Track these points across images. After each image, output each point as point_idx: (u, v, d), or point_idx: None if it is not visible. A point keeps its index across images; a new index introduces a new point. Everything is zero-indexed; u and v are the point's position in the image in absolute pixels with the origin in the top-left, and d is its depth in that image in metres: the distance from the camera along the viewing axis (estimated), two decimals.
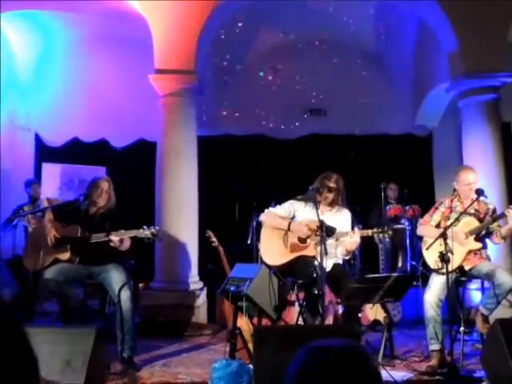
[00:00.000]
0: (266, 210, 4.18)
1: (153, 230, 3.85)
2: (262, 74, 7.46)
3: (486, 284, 4.17)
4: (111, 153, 7.19)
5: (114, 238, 3.81)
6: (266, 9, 6.66)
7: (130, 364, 3.81)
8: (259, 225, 4.37)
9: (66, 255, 3.95)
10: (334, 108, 7.51)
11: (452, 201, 4.03)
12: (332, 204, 4.02)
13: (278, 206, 4.15)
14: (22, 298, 4.82)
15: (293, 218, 4.08)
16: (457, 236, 3.80)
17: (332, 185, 3.95)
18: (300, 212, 4.06)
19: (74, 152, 7.01)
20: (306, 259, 3.84)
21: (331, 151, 7.07)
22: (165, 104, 5.87)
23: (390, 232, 3.78)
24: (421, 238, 4.17)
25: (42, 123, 7.11)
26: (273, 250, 4.00)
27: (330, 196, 3.97)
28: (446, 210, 3.99)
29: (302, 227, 3.88)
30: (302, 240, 3.92)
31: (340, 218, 4.04)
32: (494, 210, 3.98)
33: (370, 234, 3.85)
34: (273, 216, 4.07)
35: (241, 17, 6.67)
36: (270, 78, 7.48)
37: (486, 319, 3.81)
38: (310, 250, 3.87)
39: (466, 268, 3.88)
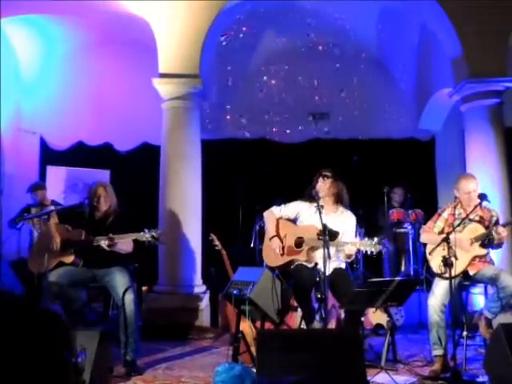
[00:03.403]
0: (271, 208, 4.27)
1: (153, 233, 3.85)
2: (265, 78, 7.49)
3: (490, 289, 4.15)
4: (115, 156, 7.23)
5: (104, 242, 3.82)
6: (269, 13, 6.69)
7: (133, 367, 3.82)
8: (262, 228, 4.40)
9: (70, 258, 3.98)
10: (338, 112, 7.52)
11: (455, 208, 4.00)
12: (335, 201, 4.08)
13: (282, 205, 4.22)
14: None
15: (296, 219, 4.16)
16: (461, 243, 3.79)
17: (325, 172, 4.07)
18: (304, 214, 4.10)
19: (79, 155, 7.06)
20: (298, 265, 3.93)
21: (335, 155, 7.08)
22: (169, 108, 5.89)
23: (378, 246, 3.73)
24: (425, 244, 4.17)
25: (47, 127, 7.15)
26: (271, 251, 4.11)
27: (327, 184, 4.05)
28: (450, 217, 3.96)
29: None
30: (298, 244, 4.01)
31: (344, 221, 4.08)
32: (497, 221, 3.96)
33: (358, 247, 3.82)
34: (271, 218, 4.18)
35: (245, 21, 6.70)
36: (273, 82, 7.50)
37: (489, 324, 3.82)
38: (303, 254, 3.97)
39: (471, 273, 3.87)
